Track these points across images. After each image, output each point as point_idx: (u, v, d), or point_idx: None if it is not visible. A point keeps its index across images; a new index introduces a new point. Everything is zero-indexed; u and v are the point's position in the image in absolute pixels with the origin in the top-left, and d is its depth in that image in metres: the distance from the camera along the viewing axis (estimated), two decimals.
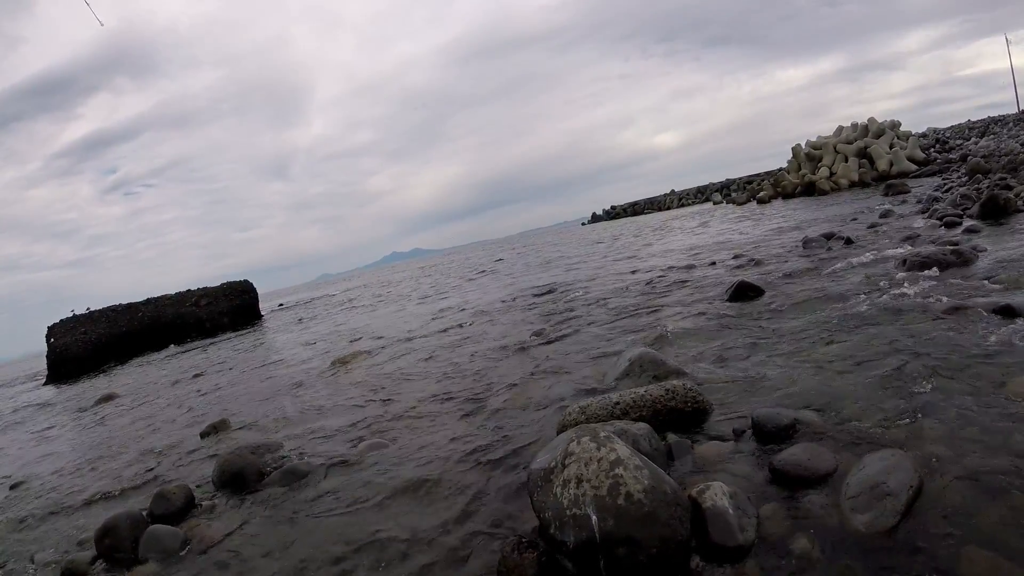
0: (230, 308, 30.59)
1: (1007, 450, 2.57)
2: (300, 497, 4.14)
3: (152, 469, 5.84)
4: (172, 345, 25.96)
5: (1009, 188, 11.01)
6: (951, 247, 6.69)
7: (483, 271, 26.42)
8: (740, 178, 63.92)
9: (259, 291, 33.39)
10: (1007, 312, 4.29)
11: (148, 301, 29.62)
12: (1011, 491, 2.31)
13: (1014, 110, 56.84)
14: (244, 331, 24.95)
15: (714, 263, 11.04)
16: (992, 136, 33.16)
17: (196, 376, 12.91)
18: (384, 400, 6.28)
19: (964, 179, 16.05)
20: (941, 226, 9.31)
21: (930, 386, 3.41)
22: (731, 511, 2.46)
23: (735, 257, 11.15)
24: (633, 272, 12.63)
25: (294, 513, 3.90)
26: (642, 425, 3.32)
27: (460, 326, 10.53)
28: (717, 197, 50.82)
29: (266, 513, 4.01)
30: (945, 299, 4.99)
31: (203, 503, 4.40)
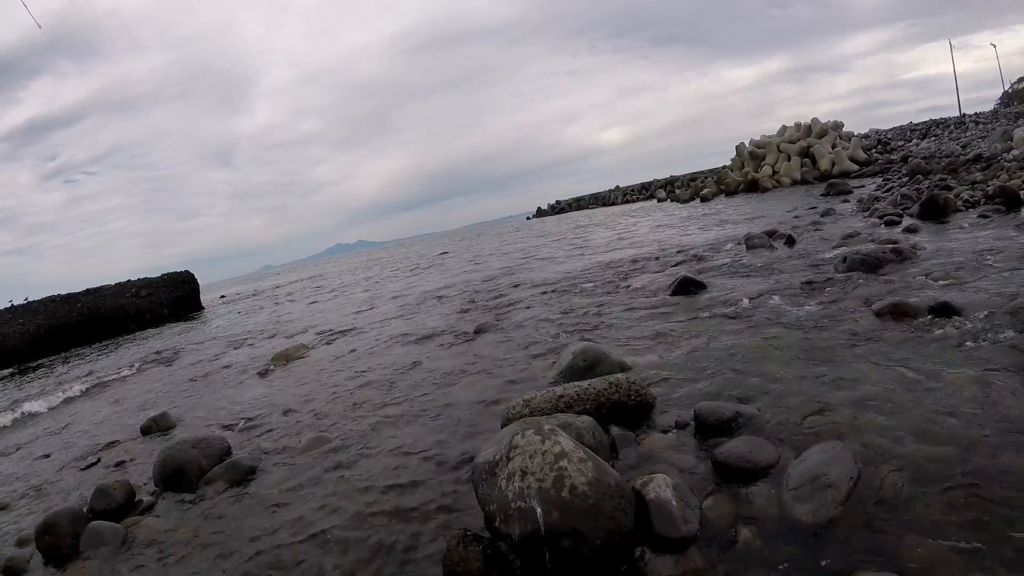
0: (170, 299, 29.91)
1: (944, 440, 2.69)
2: (242, 492, 4.07)
3: (92, 464, 5.68)
4: (111, 337, 25.19)
5: (949, 188, 11.47)
6: (891, 245, 6.94)
7: (428, 264, 26.35)
8: (684, 175, 64.89)
9: (201, 282, 32.74)
10: (944, 308, 4.47)
11: (88, 292, 28.71)
12: (949, 479, 2.41)
13: (956, 113, 59.04)
14: (185, 323, 24.36)
15: (657, 258, 11.21)
16: (933, 138, 34.42)
17: (137, 369, 12.57)
18: (327, 395, 6.21)
19: (905, 179, 16.63)
20: (881, 225, 9.64)
21: (869, 380, 3.54)
22: (674, 503, 2.51)
23: (678, 252, 11.36)
24: (577, 266, 12.74)
25: (236, 508, 3.83)
26: (586, 418, 3.36)
27: (404, 319, 10.48)
28: (661, 194, 51.55)
29: (208, 508, 3.94)
30: (884, 296, 5.17)
31: (144, 499, 4.31)
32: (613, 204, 70.12)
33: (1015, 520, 2.15)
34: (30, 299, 27.61)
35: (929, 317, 4.46)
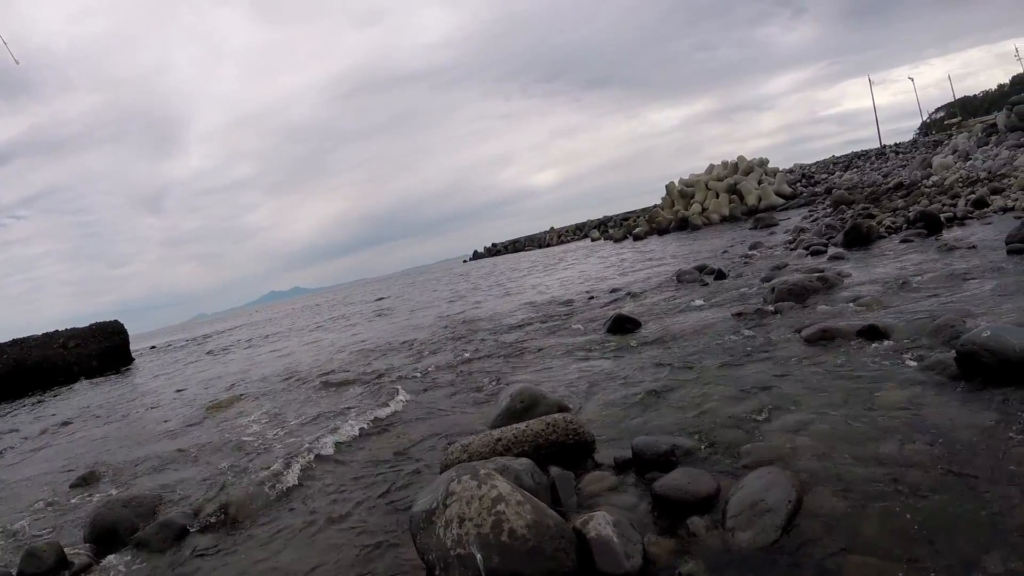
0: (99, 351, 28.70)
1: (878, 459, 2.75)
2: (175, 551, 3.88)
3: (19, 525, 5.36)
4: (38, 390, 24.09)
5: (872, 216, 11.97)
6: (817, 274, 7.17)
7: (363, 310, 26.18)
8: (617, 215, 66.16)
9: (132, 331, 31.65)
10: (871, 332, 4.62)
11: (13, 343, 27.48)
12: (885, 498, 2.46)
13: (876, 144, 61.71)
14: (114, 375, 23.46)
15: (593, 297, 11.33)
16: (856, 169, 35.94)
17: (64, 424, 11.96)
18: (260, 447, 6.02)
19: (829, 210, 17.28)
20: (808, 255, 9.95)
21: (802, 405, 3.62)
22: (616, 539, 2.49)
23: (612, 291, 11.49)
24: (513, 307, 12.78)
25: (169, 568, 3.66)
26: (524, 460, 3.32)
27: (338, 367, 10.29)
28: (595, 234, 52.32)
29: (141, 569, 3.75)
30: (812, 324, 5.31)
31: (75, 560, 4.08)
32: (549, 245, 70.86)
33: (953, 531, 2.20)
34: None
35: (857, 340, 4.61)
